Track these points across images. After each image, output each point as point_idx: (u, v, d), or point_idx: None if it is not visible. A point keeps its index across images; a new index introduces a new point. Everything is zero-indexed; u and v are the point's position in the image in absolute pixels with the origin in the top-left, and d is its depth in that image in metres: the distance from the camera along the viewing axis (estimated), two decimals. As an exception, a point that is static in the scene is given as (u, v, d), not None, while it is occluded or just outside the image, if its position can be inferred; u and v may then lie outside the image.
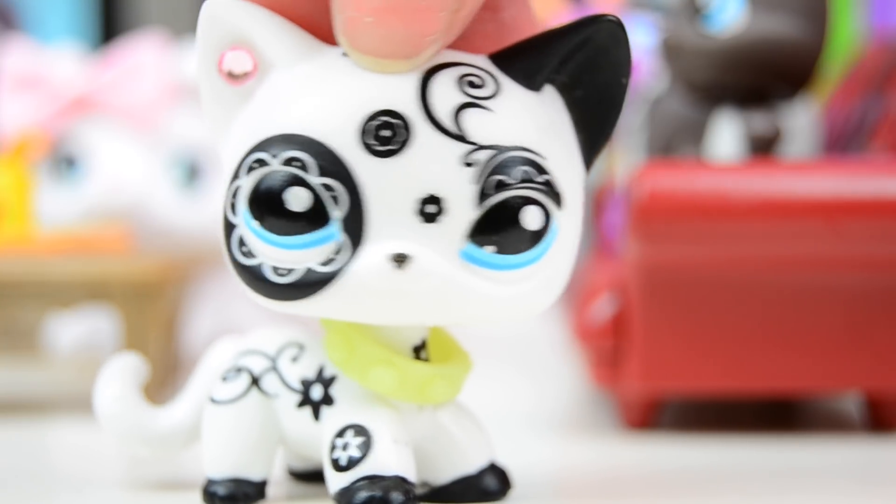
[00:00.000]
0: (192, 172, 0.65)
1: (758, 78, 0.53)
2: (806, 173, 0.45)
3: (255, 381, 0.36)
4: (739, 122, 0.54)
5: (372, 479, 0.33)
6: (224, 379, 0.37)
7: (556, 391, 0.58)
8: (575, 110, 0.34)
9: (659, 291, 0.46)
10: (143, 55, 0.65)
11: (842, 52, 0.80)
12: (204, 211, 0.65)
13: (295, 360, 0.36)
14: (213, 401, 0.37)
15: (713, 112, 0.54)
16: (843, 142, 0.58)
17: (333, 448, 0.34)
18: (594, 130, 0.35)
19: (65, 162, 0.64)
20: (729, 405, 0.52)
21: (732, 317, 0.46)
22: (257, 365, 0.36)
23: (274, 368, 0.36)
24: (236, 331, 0.67)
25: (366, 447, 0.34)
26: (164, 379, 0.57)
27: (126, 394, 0.39)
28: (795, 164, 0.50)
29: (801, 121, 0.55)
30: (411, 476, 0.34)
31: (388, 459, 0.33)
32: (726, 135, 0.54)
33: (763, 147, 0.54)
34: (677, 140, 0.55)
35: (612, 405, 0.53)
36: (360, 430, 0.34)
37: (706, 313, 0.46)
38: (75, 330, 0.67)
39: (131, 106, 0.64)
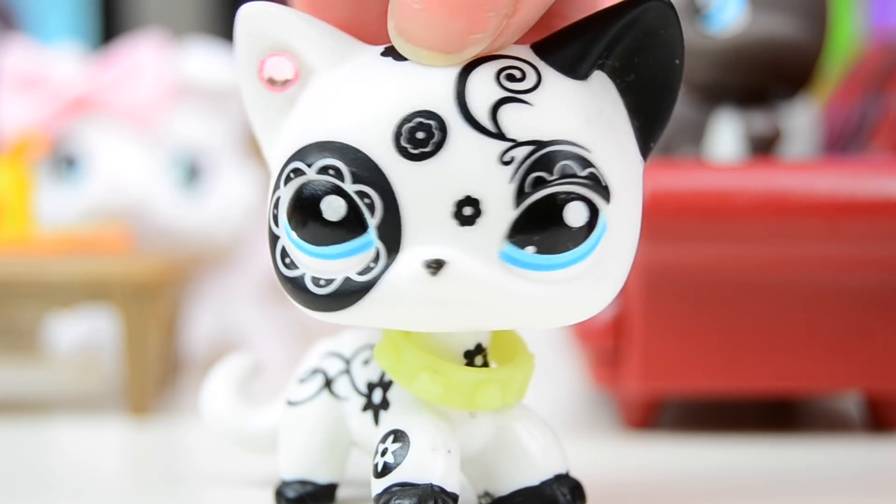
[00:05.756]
0: (192, 172, 0.65)
1: (758, 78, 0.53)
2: (806, 173, 0.45)
3: (328, 384, 0.36)
4: (739, 122, 0.54)
5: (403, 487, 0.32)
6: (301, 381, 0.37)
7: (556, 391, 0.58)
8: (628, 95, 0.32)
9: (659, 291, 0.46)
10: (143, 55, 0.65)
11: (842, 52, 0.80)
12: (204, 211, 0.65)
13: (366, 362, 0.36)
14: (287, 402, 0.37)
15: (713, 112, 0.54)
16: (843, 142, 0.58)
17: (376, 453, 0.33)
18: (650, 116, 0.33)
19: (65, 162, 0.64)
20: (729, 405, 0.52)
21: (732, 316, 0.46)
22: (333, 367, 0.36)
23: (347, 371, 0.36)
24: (236, 332, 0.68)
25: (401, 454, 0.32)
26: (164, 379, 0.57)
27: (227, 392, 0.39)
28: (795, 163, 0.50)
29: (801, 121, 0.55)
30: (451, 486, 0.32)
31: (423, 467, 0.32)
32: (726, 135, 0.54)
33: (763, 147, 0.54)
34: (677, 140, 0.55)
35: (612, 405, 0.53)
36: (399, 436, 0.33)
37: (706, 313, 0.46)
38: (75, 330, 0.66)
39: (131, 106, 0.64)
